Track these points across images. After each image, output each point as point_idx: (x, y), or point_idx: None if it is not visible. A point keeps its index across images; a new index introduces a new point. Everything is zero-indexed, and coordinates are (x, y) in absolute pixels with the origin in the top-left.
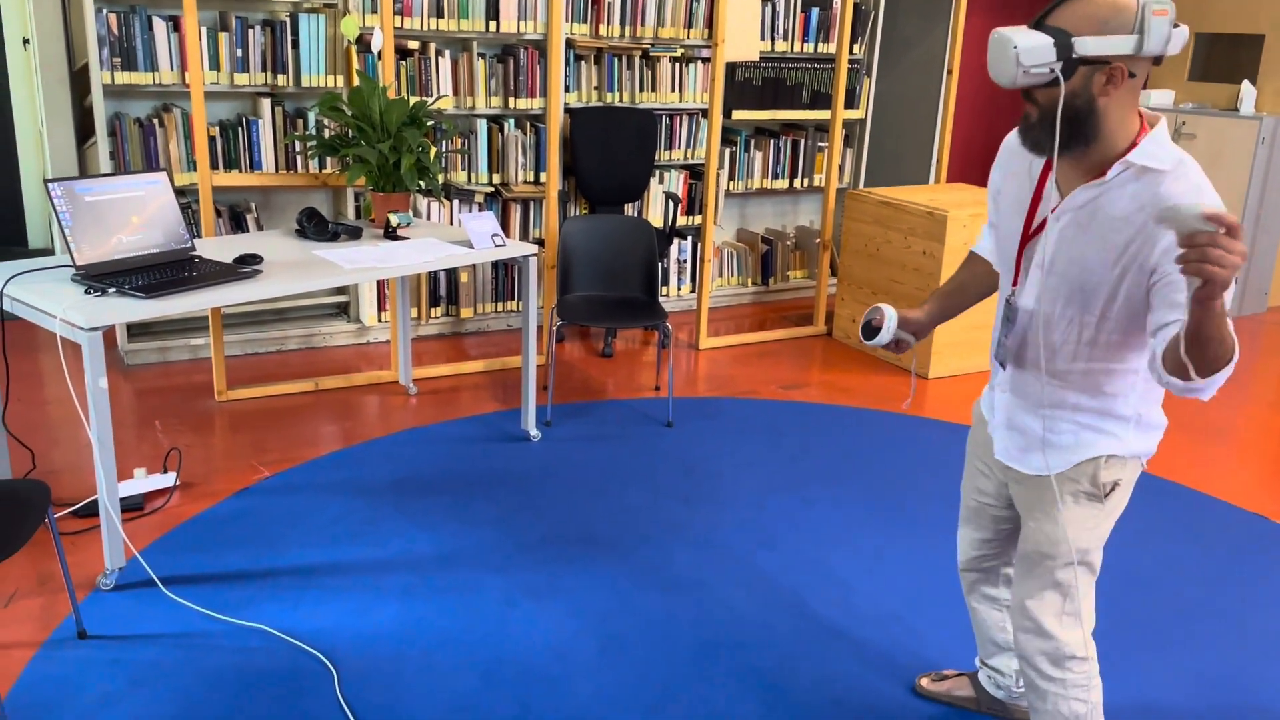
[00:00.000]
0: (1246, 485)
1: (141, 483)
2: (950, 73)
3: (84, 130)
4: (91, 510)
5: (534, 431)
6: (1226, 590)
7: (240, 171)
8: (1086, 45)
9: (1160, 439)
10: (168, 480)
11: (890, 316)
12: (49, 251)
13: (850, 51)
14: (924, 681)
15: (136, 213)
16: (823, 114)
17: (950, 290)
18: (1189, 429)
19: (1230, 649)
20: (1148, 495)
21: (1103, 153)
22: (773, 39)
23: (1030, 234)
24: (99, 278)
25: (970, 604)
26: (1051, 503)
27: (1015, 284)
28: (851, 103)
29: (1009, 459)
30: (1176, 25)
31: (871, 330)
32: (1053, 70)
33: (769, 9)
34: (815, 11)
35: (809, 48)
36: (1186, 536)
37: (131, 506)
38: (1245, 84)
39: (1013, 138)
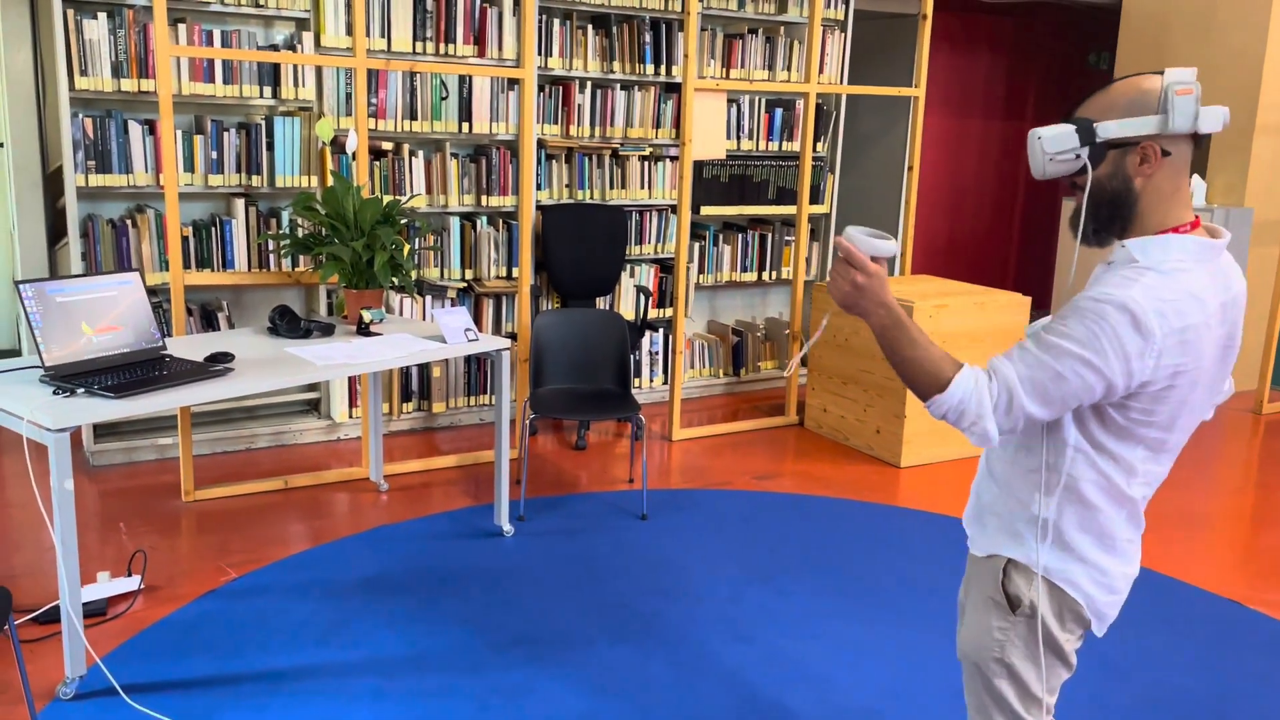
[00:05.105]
0: (1219, 572)
1: (105, 587)
2: (911, 169)
3: (56, 231)
4: (53, 616)
5: (507, 527)
6: (1206, 679)
7: (213, 270)
8: (1109, 129)
9: (1092, 584)
10: (132, 584)
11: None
12: (16, 352)
13: (814, 149)
14: None
15: (107, 313)
16: (789, 209)
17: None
18: (1156, 517)
19: None
20: None
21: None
22: (739, 138)
23: None
24: (68, 378)
25: None
26: (975, 598)
27: None
28: (816, 198)
29: (966, 524)
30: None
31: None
32: (1079, 155)
33: (734, 109)
34: (779, 112)
35: (774, 146)
36: (1163, 624)
37: (94, 612)
38: (1195, 178)
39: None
